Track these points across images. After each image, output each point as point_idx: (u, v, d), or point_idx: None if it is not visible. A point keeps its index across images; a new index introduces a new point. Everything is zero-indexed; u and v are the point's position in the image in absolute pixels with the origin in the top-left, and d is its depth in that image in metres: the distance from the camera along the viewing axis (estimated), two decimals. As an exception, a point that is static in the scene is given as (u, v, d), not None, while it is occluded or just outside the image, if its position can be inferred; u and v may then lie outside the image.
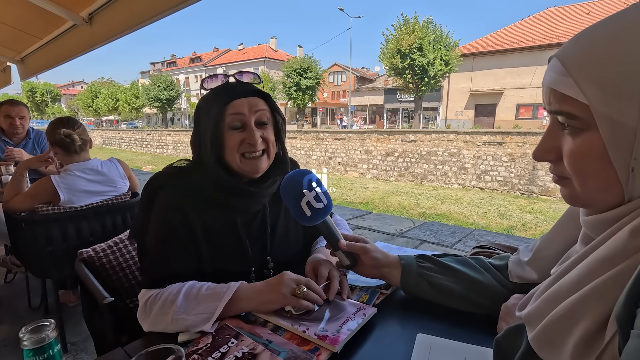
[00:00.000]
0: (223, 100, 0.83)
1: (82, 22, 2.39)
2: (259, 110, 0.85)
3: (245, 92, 0.85)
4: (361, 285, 0.87)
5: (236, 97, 0.84)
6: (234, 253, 0.88)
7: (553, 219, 10.01)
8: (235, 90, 0.85)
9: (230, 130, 0.83)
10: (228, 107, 0.83)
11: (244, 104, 0.84)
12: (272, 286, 0.73)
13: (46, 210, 1.73)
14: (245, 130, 0.84)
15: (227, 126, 0.83)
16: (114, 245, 1.15)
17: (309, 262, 0.87)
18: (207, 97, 0.86)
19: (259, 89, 0.89)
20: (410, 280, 0.77)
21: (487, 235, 2.81)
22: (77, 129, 1.81)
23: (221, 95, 0.84)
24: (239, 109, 0.83)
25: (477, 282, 0.72)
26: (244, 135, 0.84)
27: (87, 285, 0.94)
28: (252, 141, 0.83)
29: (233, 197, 0.86)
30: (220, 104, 0.83)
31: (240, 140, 0.84)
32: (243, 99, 0.84)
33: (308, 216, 0.77)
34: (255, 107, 0.85)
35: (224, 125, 0.83)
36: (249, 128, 0.84)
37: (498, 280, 0.71)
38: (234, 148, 0.84)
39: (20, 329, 0.46)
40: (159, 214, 0.82)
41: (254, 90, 0.87)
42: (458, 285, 0.73)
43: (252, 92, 0.86)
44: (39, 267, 1.82)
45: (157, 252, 0.81)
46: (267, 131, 0.88)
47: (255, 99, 0.86)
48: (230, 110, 0.83)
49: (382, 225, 3.41)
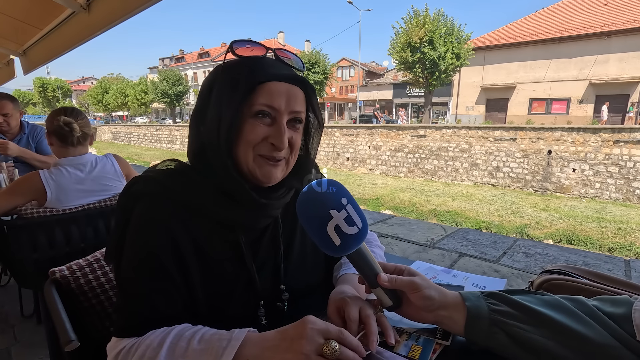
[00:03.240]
0: (257, 76, 0.61)
1: (80, 9, 2.30)
2: (296, 110, 0.64)
3: (288, 76, 0.64)
4: (406, 327, 0.65)
5: (276, 78, 0.62)
6: (236, 282, 0.67)
7: (568, 217, 9.68)
8: (275, 69, 0.63)
9: (253, 118, 0.62)
10: (262, 88, 0.61)
11: (282, 94, 0.62)
12: (289, 340, 0.51)
13: (30, 213, 1.55)
14: (273, 124, 0.63)
15: (252, 112, 0.62)
16: (94, 261, 0.95)
17: (332, 300, 0.65)
18: (231, 65, 0.64)
19: (304, 78, 0.66)
20: (480, 330, 0.56)
21: (534, 246, 2.53)
22: (79, 120, 1.62)
23: (254, 69, 0.62)
24: (274, 97, 0.62)
25: (585, 339, 0.50)
26: (268, 130, 0.63)
27: (52, 319, 0.74)
28: (278, 142, 0.62)
29: (237, 207, 0.65)
30: (253, 80, 0.61)
31: (263, 135, 0.63)
32: (283, 83, 0.63)
33: (337, 245, 0.56)
34: (294, 102, 0.64)
35: (247, 109, 0.62)
36: (278, 125, 0.63)
37: (618, 337, 0.49)
38: (251, 143, 0.62)
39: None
40: (137, 235, 0.61)
41: (298, 78, 0.65)
42: (555, 342, 0.51)
43: (295, 79, 0.65)
44: (25, 277, 1.64)
45: (133, 285, 0.60)
46: (297, 134, 0.67)
47: (296, 89, 0.65)
48: (264, 93, 0.61)
49: (410, 233, 3.07)
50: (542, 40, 21.26)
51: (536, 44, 21.51)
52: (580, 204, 11.45)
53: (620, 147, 11.75)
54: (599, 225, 8.84)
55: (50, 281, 0.87)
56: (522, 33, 22.59)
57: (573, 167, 12.64)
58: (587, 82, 20.15)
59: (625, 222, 9.02)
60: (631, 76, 18.68)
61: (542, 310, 0.54)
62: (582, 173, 12.48)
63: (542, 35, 21.48)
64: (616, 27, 19.07)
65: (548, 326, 0.52)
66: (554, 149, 13.03)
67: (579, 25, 20.85)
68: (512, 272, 2.16)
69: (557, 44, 20.80)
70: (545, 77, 21.45)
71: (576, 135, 12.50)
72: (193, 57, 49.98)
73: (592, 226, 8.81)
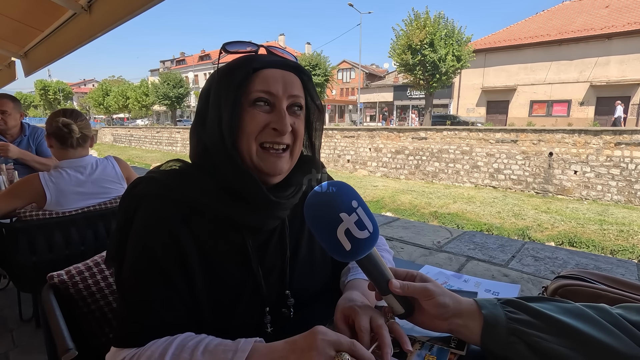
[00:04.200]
0: (252, 64, 0.61)
1: (81, 10, 2.29)
2: (294, 94, 0.64)
3: (282, 63, 0.64)
4: (418, 335, 0.63)
5: (270, 65, 0.62)
6: (242, 288, 0.64)
7: (570, 219, 9.63)
8: (268, 59, 0.64)
9: (252, 107, 0.61)
10: (257, 75, 0.61)
11: (278, 79, 0.62)
12: (299, 352, 0.48)
13: (29, 215, 1.53)
14: (273, 110, 0.62)
15: (250, 100, 0.61)
16: (94, 266, 0.92)
17: (339, 308, 0.62)
18: (225, 66, 0.64)
19: (298, 65, 0.66)
20: (498, 340, 0.53)
21: (543, 249, 2.49)
22: (79, 121, 1.60)
23: (250, 58, 0.62)
24: (270, 83, 0.61)
25: (610, 350, 0.47)
26: (269, 117, 0.62)
27: (50, 326, 0.72)
28: (280, 126, 0.61)
29: (244, 207, 0.63)
30: (247, 68, 0.61)
31: (264, 123, 0.61)
32: (277, 70, 0.63)
33: (348, 250, 0.53)
34: (291, 86, 0.63)
35: (245, 99, 0.61)
36: (278, 110, 0.62)
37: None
38: (253, 132, 0.61)
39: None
40: (139, 237, 0.59)
41: (292, 64, 0.65)
42: (578, 353, 0.48)
43: (289, 65, 0.65)
44: (24, 280, 1.62)
45: (134, 292, 0.57)
46: (299, 121, 0.65)
47: (292, 75, 0.64)
48: (260, 80, 0.61)
49: (415, 236, 3.01)
50: (542, 43, 21.27)
51: (537, 46, 21.53)
52: (582, 206, 11.40)
53: (621, 149, 11.71)
54: (601, 227, 8.79)
55: (49, 286, 0.84)
56: (523, 35, 22.61)
57: (574, 169, 12.59)
58: (587, 84, 20.14)
59: (628, 224, 8.97)
60: (632, 78, 18.67)
61: (564, 318, 0.51)
62: (583, 175, 12.43)
63: (543, 37, 21.50)
64: (616, 29, 19.08)
65: (570, 336, 0.50)
66: (555, 151, 12.99)
67: (580, 27, 20.86)
68: (522, 277, 2.13)
69: (558, 46, 20.81)
70: (545, 79, 21.44)
71: (577, 137, 12.47)
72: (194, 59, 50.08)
73: (594, 228, 8.76)
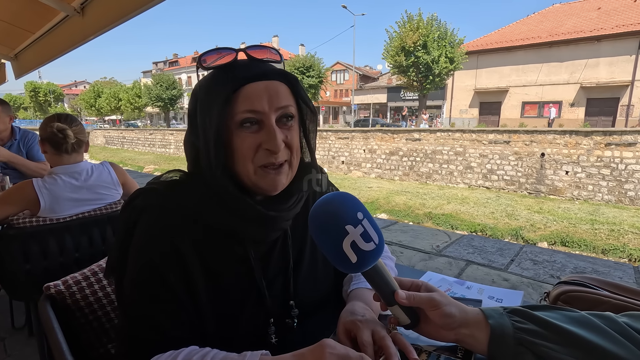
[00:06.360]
0: (231, 84, 0.57)
1: (74, 12, 2.26)
2: (282, 106, 0.60)
3: (263, 73, 0.60)
4: (424, 345, 0.62)
5: (250, 79, 0.58)
6: (246, 299, 0.63)
7: (562, 219, 9.75)
8: (248, 70, 0.59)
9: (239, 129, 0.58)
10: (238, 95, 0.58)
11: (262, 94, 0.58)
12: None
13: (22, 222, 1.50)
14: (262, 129, 0.59)
15: (236, 123, 0.58)
16: (91, 275, 0.91)
17: (341, 322, 0.61)
18: (207, 80, 0.61)
19: (282, 70, 0.62)
20: (506, 350, 0.53)
21: (541, 252, 2.51)
22: (74, 126, 1.57)
23: (228, 77, 0.58)
24: (254, 100, 0.57)
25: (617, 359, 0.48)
26: (259, 137, 0.59)
27: (48, 340, 0.70)
28: (272, 146, 0.58)
29: (245, 222, 0.62)
30: (227, 89, 0.57)
31: (255, 144, 0.59)
32: (260, 82, 0.58)
33: (354, 263, 0.52)
34: (277, 98, 0.59)
35: (231, 121, 0.58)
36: (267, 128, 0.59)
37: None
38: (247, 155, 0.59)
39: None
40: (140, 250, 0.58)
41: (275, 71, 0.61)
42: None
43: (272, 73, 0.61)
44: (17, 288, 1.58)
45: (136, 306, 0.56)
46: (292, 132, 0.62)
47: (276, 83, 0.60)
48: (242, 99, 0.58)
49: (414, 240, 3.00)
50: (533, 45, 21.57)
51: (528, 48, 21.81)
52: (574, 206, 11.55)
53: (612, 150, 11.89)
54: (593, 227, 8.91)
55: (45, 297, 0.82)
56: (514, 37, 22.89)
57: (566, 169, 12.76)
58: (578, 86, 20.44)
59: (618, 223, 9.10)
60: (620, 79, 18.99)
61: (571, 328, 0.51)
62: (574, 175, 12.60)
63: (534, 39, 21.79)
64: (605, 32, 19.40)
65: (578, 346, 0.50)
66: (547, 151, 13.15)
67: (570, 29, 21.18)
68: (522, 281, 2.15)
69: (549, 48, 21.10)
70: (537, 80, 21.72)
71: (569, 138, 12.64)
72: (187, 61, 49.83)
73: (586, 228, 8.88)
